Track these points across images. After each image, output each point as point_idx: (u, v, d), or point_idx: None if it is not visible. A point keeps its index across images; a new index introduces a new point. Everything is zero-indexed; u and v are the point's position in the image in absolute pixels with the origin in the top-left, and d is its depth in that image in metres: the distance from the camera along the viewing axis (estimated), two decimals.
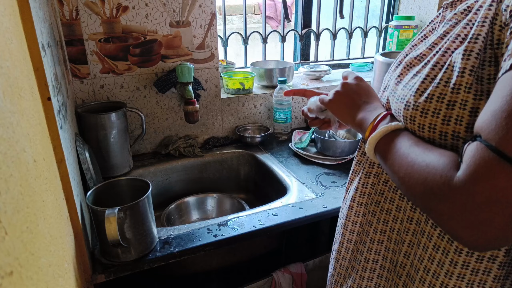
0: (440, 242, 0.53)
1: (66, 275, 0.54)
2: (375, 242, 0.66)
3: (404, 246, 0.60)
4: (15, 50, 0.45)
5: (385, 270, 0.66)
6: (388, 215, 0.63)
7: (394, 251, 0.63)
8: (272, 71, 1.53)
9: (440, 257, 0.54)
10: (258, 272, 1.02)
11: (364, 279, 0.69)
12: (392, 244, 0.63)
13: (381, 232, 0.65)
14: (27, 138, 0.42)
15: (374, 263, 0.67)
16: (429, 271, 0.55)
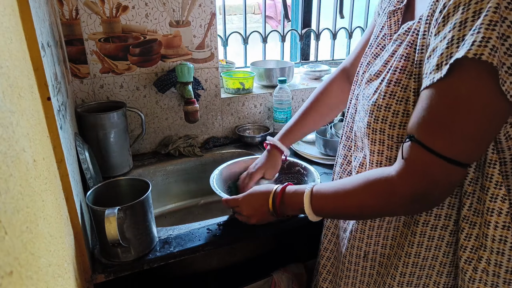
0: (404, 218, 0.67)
1: (66, 275, 0.54)
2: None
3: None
4: (15, 50, 0.45)
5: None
6: None
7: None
8: (272, 71, 1.52)
9: (402, 230, 0.67)
10: (258, 272, 1.02)
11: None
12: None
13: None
14: (27, 138, 0.42)
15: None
16: (394, 246, 0.69)
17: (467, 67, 0.47)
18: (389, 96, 0.61)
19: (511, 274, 0.58)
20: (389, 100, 0.61)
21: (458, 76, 0.48)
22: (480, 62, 0.45)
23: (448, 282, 0.66)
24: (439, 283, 0.67)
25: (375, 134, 0.64)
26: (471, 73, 0.47)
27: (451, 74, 0.48)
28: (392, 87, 0.61)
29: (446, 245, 0.64)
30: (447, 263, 0.65)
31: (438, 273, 0.66)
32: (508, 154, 0.56)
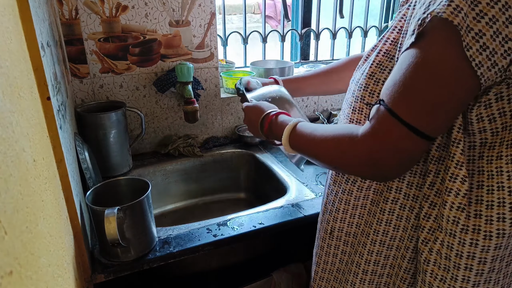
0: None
1: (66, 274, 0.54)
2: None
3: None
4: (15, 50, 0.45)
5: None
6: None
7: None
8: (272, 71, 1.52)
9: (370, 207, 0.68)
10: (258, 272, 1.02)
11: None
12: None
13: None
14: (26, 137, 0.42)
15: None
16: (361, 224, 0.70)
17: (435, 30, 0.47)
18: (375, 65, 0.62)
19: (460, 258, 0.57)
20: (375, 68, 0.62)
21: (427, 39, 0.48)
22: (446, 24, 0.45)
23: (410, 268, 0.65)
24: (400, 266, 0.66)
25: (357, 102, 0.65)
26: (438, 35, 0.47)
27: (422, 38, 0.48)
28: (381, 57, 0.62)
29: (411, 228, 0.63)
30: (409, 248, 0.64)
31: (402, 256, 0.66)
32: (479, 138, 0.54)
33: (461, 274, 0.58)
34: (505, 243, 0.56)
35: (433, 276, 0.60)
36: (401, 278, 0.67)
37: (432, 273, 0.60)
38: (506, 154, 0.53)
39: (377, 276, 0.70)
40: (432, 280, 0.60)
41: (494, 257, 0.56)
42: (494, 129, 0.53)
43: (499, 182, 0.53)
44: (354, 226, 0.71)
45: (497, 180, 0.53)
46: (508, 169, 0.53)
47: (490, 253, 0.56)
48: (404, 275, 0.66)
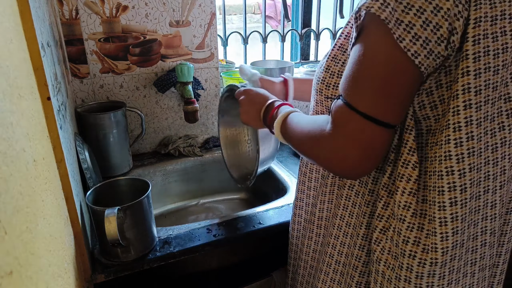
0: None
1: (66, 275, 0.54)
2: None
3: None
4: (15, 50, 0.45)
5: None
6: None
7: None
8: (272, 71, 1.52)
9: (338, 192, 0.70)
10: (258, 272, 1.02)
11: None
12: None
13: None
14: (26, 138, 0.42)
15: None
16: (331, 208, 0.72)
17: (369, 24, 0.50)
18: (331, 59, 0.65)
19: (406, 244, 0.57)
20: (330, 62, 0.65)
21: (364, 33, 0.50)
22: (375, 18, 0.47)
23: (360, 255, 0.66)
24: (352, 254, 0.68)
25: (317, 95, 0.68)
26: (372, 28, 0.49)
27: (361, 32, 0.51)
28: (336, 51, 0.64)
29: (362, 215, 0.65)
30: (360, 235, 0.65)
31: (344, 244, 0.68)
32: (424, 125, 0.56)
33: (405, 262, 0.58)
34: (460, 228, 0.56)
35: (386, 265, 0.61)
36: (353, 266, 0.68)
37: (385, 262, 0.61)
38: (439, 140, 0.54)
39: (340, 264, 0.71)
40: (385, 269, 0.61)
41: (449, 246, 0.56)
42: (436, 115, 0.55)
43: (436, 167, 0.54)
44: (327, 211, 0.74)
45: (434, 165, 0.54)
46: (441, 154, 0.54)
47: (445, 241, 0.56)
48: (356, 263, 0.67)
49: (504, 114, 0.54)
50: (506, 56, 0.50)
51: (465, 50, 0.48)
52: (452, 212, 0.54)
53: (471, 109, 0.51)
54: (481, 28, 0.47)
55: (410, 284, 0.58)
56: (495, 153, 0.56)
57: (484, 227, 0.60)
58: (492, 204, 0.58)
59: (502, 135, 0.55)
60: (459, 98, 0.50)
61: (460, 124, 0.51)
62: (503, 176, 0.57)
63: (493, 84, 0.51)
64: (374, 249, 0.62)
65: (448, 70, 0.51)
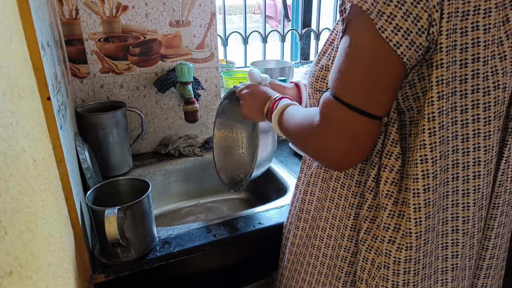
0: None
1: (66, 274, 0.54)
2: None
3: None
4: (15, 50, 0.45)
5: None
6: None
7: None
8: (272, 71, 1.52)
9: (321, 185, 0.72)
10: (258, 272, 1.02)
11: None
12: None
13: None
14: (26, 137, 0.42)
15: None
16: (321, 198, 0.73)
17: (353, 16, 0.51)
18: (322, 53, 0.67)
19: (386, 231, 0.60)
20: (321, 56, 0.67)
21: (350, 26, 0.52)
22: (358, 10, 0.49)
23: (349, 246, 0.67)
24: (340, 246, 0.69)
25: (309, 88, 0.71)
26: (356, 20, 0.51)
27: (347, 25, 0.53)
28: (327, 46, 0.67)
29: (349, 206, 0.66)
30: (348, 226, 0.66)
31: (341, 236, 0.68)
32: (408, 116, 0.58)
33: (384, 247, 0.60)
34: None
35: (368, 250, 0.63)
36: (341, 257, 0.69)
37: (368, 247, 0.63)
38: (421, 130, 0.55)
39: (327, 257, 0.72)
40: (375, 256, 0.63)
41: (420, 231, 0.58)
42: (419, 106, 0.56)
43: (422, 155, 0.56)
44: (309, 203, 0.75)
45: (420, 153, 0.56)
46: (416, 143, 0.55)
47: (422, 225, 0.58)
48: (345, 254, 0.68)
49: (481, 107, 0.55)
50: (478, 50, 0.51)
51: (439, 43, 0.50)
52: (425, 198, 0.56)
53: (443, 99, 0.53)
54: (452, 23, 0.49)
55: (389, 270, 0.60)
56: (465, 143, 0.57)
57: (455, 213, 0.61)
58: (464, 193, 0.60)
59: (475, 126, 0.56)
60: (433, 89, 0.52)
61: (434, 114, 0.53)
62: (477, 166, 0.59)
63: (460, 77, 0.53)
64: (364, 238, 0.63)
65: (429, 63, 0.53)
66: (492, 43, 0.51)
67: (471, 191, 0.60)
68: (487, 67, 0.53)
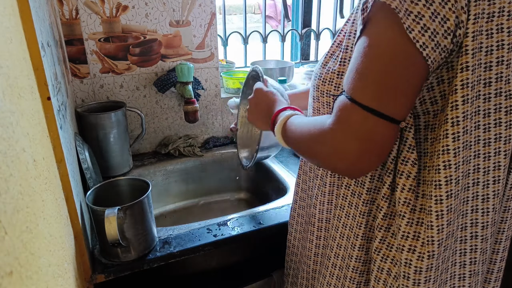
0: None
1: (66, 274, 0.54)
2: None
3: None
4: (15, 50, 0.45)
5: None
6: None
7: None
8: (272, 71, 1.52)
9: (331, 189, 0.71)
10: (258, 272, 1.02)
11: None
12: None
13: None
14: (27, 137, 0.42)
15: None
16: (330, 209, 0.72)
17: (377, 15, 0.49)
18: (329, 55, 0.65)
19: (405, 240, 0.58)
20: (328, 58, 0.65)
21: (372, 24, 0.50)
22: (385, 7, 0.47)
23: (360, 256, 0.66)
24: (351, 256, 0.67)
25: (314, 91, 0.69)
26: (380, 19, 0.49)
27: (368, 24, 0.50)
28: (334, 48, 0.65)
29: (359, 214, 0.64)
30: (359, 235, 0.65)
31: (352, 245, 0.67)
32: (423, 120, 0.56)
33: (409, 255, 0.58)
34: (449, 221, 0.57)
35: (383, 259, 0.61)
36: (352, 267, 0.67)
37: (383, 257, 0.62)
38: (443, 134, 0.54)
39: (336, 268, 0.71)
40: (391, 266, 0.61)
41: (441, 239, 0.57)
42: (436, 110, 0.55)
43: (434, 161, 0.55)
44: (327, 212, 0.74)
45: (443, 159, 0.54)
46: (438, 149, 0.54)
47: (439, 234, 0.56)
48: (356, 264, 0.67)
49: (503, 111, 0.54)
50: (502, 52, 0.50)
51: (465, 45, 0.48)
52: (448, 204, 0.55)
53: (468, 103, 0.51)
54: (478, 24, 0.48)
55: (409, 280, 0.58)
56: (487, 148, 0.56)
57: (474, 219, 0.60)
58: (484, 198, 0.59)
59: (497, 131, 0.55)
60: (458, 93, 0.50)
61: (458, 119, 0.51)
62: (497, 171, 0.57)
63: (485, 80, 0.52)
64: (379, 247, 0.61)
65: (450, 65, 0.51)
66: None
67: (490, 196, 0.59)
68: (509, 69, 0.52)
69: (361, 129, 0.50)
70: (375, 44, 0.49)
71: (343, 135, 0.51)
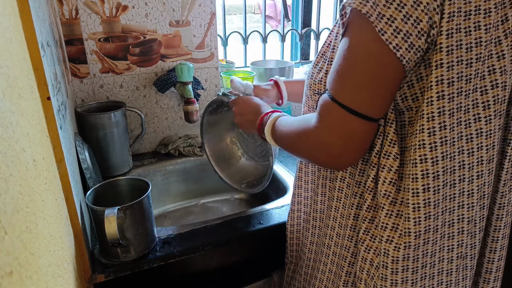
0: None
1: (66, 275, 0.54)
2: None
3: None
4: (15, 50, 0.45)
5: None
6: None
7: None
8: (272, 71, 1.52)
9: (329, 185, 0.72)
10: (258, 272, 1.02)
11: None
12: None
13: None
14: (26, 137, 0.42)
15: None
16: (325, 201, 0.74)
17: (352, 19, 0.51)
18: (320, 55, 0.68)
19: (383, 230, 0.60)
20: (320, 58, 0.67)
21: (349, 29, 0.52)
22: (358, 13, 0.50)
23: (349, 246, 0.68)
24: (342, 245, 0.69)
25: (308, 89, 0.71)
26: (355, 23, 0.51)
27: (347, 28, 0.53)
28: (325, 48, 0.67)
29: (349, 206, 0.66)
30: (348, 225, 0.67)
31: (343, 235, 0.69)
32: (407, 116, 0.58)
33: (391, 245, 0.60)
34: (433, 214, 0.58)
35: (367, 250, 0.64)
36: (343, 256, 0.70)
37: (367, 247, 0.64)
38: (419, 129, 0.55)
39: (336, 256, 0.73)
40: (374, 256, 0.63)
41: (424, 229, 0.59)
42: (418, 106, 0.56)
43: (411, 155, 0.56)
44: (322, 203, 0.76)
45: (419, 153, 0.56)
46: (415, 143, 0.56)
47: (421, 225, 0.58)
48: (345, 253, 0.69)
49: (480, 106, 0.56)
50: (480, 49, 0.51)
51: (439, 43, 0.50)
52: (424, 198, 0.56)
53: (444, 99, 0.53)
54: (454, 22, 0.49)
55: (387, 269, 0.61)
56: (470, 143, 0.57)
57: (461, 215, 0.61)
58: (469, 193, 0.60)
59: (477, 126, 0.57)
60: (433, 89, 0.52)
61: (433, 114, 0.53)
62: (480, 166, 0.59)
63: (466, 77, 0.53)
64: (363, 238, 0.63)
65: (427, 63, 0.53)
66: (490, 42, 0.51)
67: (475, 191, 0.60)
68: (484, 66, 0.53)
69: (341, 126, 0.54)
70: (352, 47, 0.52)
71: (325, 131, 0.55)
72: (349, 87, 0.53)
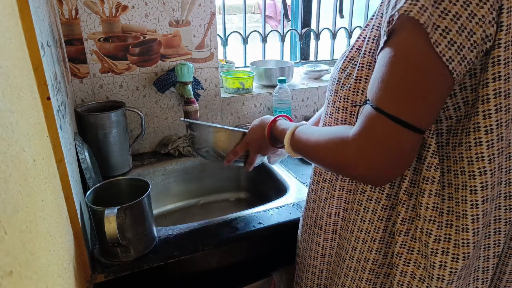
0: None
1: (66, 274, 0.54)
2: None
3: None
4: (15, 50, 0.45)
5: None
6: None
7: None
8: (272, 71, 1.52)
9: (347, 197, 0.70)
10: (258, 272, 1.02)
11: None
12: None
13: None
14: (26, 137, 0.42)
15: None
16: (345, 212, 0.72)
17: (404, 28, 0.49)
18: (348, 61, 0.65)
19: (438, 243, 0.58)
20: (347, 63, 0.65)
21: (398, 36, 0.50)
22: (413, 22, 0.47)
23: (377, 259, 0.66)
24: (367, 259, 0.67)
25: (331, 96, 0.69)
26: (407, 32, 0.49)
27: (392, 36, 0.51)
28: (353, 53, 0.65)
29: (378, 219, 0.64)
30: (376, 239, 0.65)
31: (369, 249, 0.67)
32: (445, 125, 0.58)
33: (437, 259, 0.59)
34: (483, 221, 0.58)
35: (406, 263, 0.62)
36: (369, 270, 0.68)
37: (405, 260, 0.62)
38: (465, 141, 0.55)
39: (351, 270, 0.71)
40: (414, 269, 0.62)
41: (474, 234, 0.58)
42: (459, 116, 0.56)
43: (465, 167, 0.56)
44: (335, 216, 0.73)
45: (461, 165, 0.56)
46: (471, 155, 0.55)
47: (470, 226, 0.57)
48: (372, 266, 0.67)
49: None
50: None
51: (497, 56, 0.49)
52: (484, 209, 0.56)
53: (501, 112, 0.52)
54: (510, 35, 0.49)
55: (443, 281, 0.59)
56: (510, 148, 0.58)
57: (497, 215, 0.61)
58: (506, 195, 0.60)
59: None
60: (491, 102, 0.52)
61: (492, 127, 0.53)
62: None
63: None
64: (401, 252, 0.62)
65: (473, 73, 0.52)
66: None
67: (511, 194, 0.61)
68: None
69: (388, 138, 0.50)
70: (401, 55, 0.49)
71: (370, 144, 0.51)
72: (397, 96, 0.50)
